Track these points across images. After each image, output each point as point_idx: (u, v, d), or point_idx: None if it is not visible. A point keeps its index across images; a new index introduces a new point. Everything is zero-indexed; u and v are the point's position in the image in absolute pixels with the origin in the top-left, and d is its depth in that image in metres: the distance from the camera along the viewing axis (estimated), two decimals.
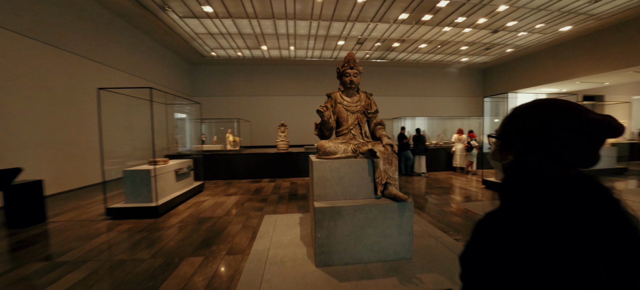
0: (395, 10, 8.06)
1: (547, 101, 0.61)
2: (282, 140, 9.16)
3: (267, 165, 8.09)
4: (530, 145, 0.59)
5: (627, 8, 7.97)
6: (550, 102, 0.60)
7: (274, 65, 13.45)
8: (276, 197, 5.67)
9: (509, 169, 0.67)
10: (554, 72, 11.73)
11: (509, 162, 0.67)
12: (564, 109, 0.57)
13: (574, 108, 0.56)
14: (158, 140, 7.20)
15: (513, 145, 0.65)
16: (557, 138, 0.55)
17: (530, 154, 0.60)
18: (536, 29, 9.67)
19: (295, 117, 13.56)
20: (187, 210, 4.65)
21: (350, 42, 10.61)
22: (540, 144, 0.57)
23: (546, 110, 0.59)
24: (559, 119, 0.56)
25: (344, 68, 2.81)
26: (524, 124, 0.62)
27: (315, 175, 2.46)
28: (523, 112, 0.64)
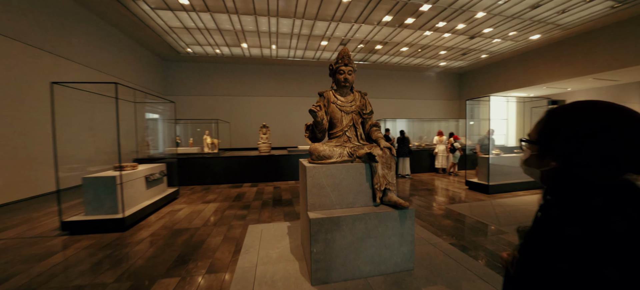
0: (380, 12, 8.05)
1: (597, 104, 0.59)
2: (263, 142, 8.79)
3: (248, 168, 7.68)
4: (583, 151, 0.56)
5: (589, 20, 8.60)
6: (603, 105, 0.57)
7: (255, 64, 12.99)
8: (259, 203, 5.33)
9: (553, 177, 0.63)
10: (524, 77, 12.46)
11: (550, 169, 0.64)
12: (620, 112, 0.55)
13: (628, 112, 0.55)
14: (126, 143, 6.53)
15: (557, 151, 0.62)
16: (616, 142, 0.53)
17: (582, 159, 0.56)
18: (509, 36, 10.17)
19: (277, 118, 13.19)
20: (160, 221, 4.17)
21: (333, 43, 10.49)
22: (596, 149, 0.55)
23: (601, 113, 0.56)
24: (619, 123, 0.54)
25: (338, 65, 2.60)
26: (574, 128, 0.58)
27: (309, 182, 2.21)
28: (570, 116, 0.60)
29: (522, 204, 5.03)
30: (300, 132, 13.10)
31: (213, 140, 8.29)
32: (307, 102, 13.75)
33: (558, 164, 0.62)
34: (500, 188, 5.95)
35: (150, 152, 7.68)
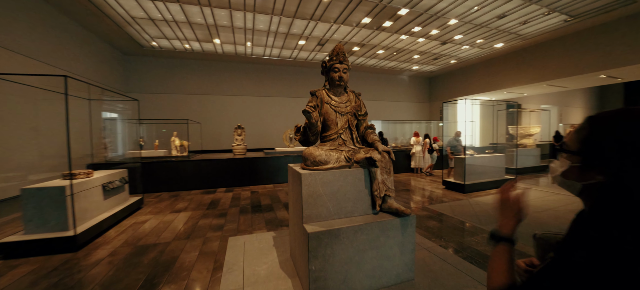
0: (359, 14, 8.03)
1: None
2: (238, 144, 8.31)
3: (222, 172, 7.17)
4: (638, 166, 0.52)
5: (545, 32, 9.43)
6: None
7: (228, 62, 12.32)
8: (237, 210, 4.94)
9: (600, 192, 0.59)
10: (487, 82, 13.36)
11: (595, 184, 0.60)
12: None
13: None
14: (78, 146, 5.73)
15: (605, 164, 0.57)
16: None
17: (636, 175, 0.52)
18: (476, 44, 10.80)
19: (253, 119, 12.64)
20: (121, 237, 3.63)
21: (311, 43, 10.30)
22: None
23: None
24: None
25: (332, 62, 2.40)
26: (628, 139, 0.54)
27: (305, 191, 1.98)
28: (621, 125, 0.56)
29: None
30: (277, 134, 12.70)
31: (182, 142, 7.62)
32: (284, 102, 13.40)
33: (605, 178, 0.57)
34: (475, 187, 6.20)
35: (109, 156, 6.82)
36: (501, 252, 0.76)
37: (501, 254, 0.75)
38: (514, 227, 0.80)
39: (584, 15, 8.21)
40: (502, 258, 0.74)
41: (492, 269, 0.75)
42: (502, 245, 0.78)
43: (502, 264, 0.73)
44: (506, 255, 0.75)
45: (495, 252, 0.77)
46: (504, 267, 0.73)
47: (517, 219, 0.82)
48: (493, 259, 0.77)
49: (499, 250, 0.77)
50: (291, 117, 13.45)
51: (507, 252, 0.75)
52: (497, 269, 0.73)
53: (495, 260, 0.76)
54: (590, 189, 0.62)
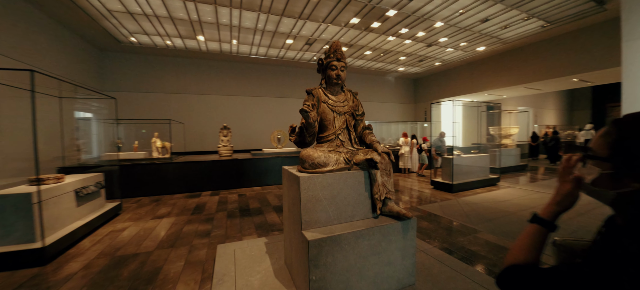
0: (348, 14, 7.99)
1: None
2: (224, 145, 8.03)
3: (207, 175, 6.88)
4: None
5: (524, 36, 9.85)
6: None
7: (213, 60, 11.92)
8: (224, 214, 4.72)
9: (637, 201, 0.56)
10: (469, 84, 13.81)
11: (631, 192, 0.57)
12: None
13: None
14: (47, 148, 5.29)
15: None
16: None
17: None
18: (460, 47, 11.11)
19: (239, 119, 12.30)
20: (97, 247, 3.33)
21: (299, 42, 10.16)
22: None
23: None
24: None
25: (329, 60, 2.30)
26: None
27: (304, 195, 1.86)
28: None
29: (483, 201, 5.37)
30: (264, 135, 12.44)
31: (164, 143, 7.23)
32: (271, 102, 13.16)
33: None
34: (462, 187, 6.32)
35: (82, 159, 6.33)
36: (532, 231, 0.76)
37: (530, 233, 0.75)
38: (554, 212, 0.78)
39: (559, 21, 8.65)
40: (531, 237, 0.74)
41: (517, 245, 0.74)
42: (535, 226, 0.77)
43: (528, 242, 0.73)
44: (535, 235, 0.74)
45: (525, 230, 0.77)
46: (530, 245, 0.72)
47: (559, 206, 0.79)
48: (522, 235, 0.77)
49: (530, 229, 0.77)
50: (279, 117, 13.23)
51: (537, 233, 0.74)
52: (522, 246, 0.73)
53: (523, 237, 0.75)
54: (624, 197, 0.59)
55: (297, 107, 13.66)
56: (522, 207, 4.87)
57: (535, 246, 0.73)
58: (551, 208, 0.79)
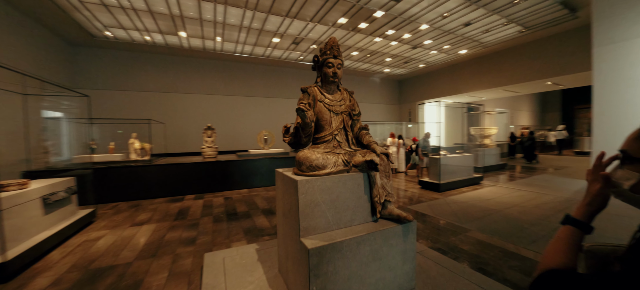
0: (336, 13, 7.95)
1: None
2: (209, 146, 7.72)
3: (190, 177, 6.56)
4: None
5: (504, 40, 10.27)
6: None
7: (195, 58, 11.47)
8: (210, 219, 4.49)
9: None
10: (451, 86, 14.24)
11: None
12: None
13: None
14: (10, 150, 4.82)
15: None
16: None
17: None
18: (443, 49, 11.41)
19: (223, 119, 11.92)
20: (67, 259, 3.03)
21: (285, 41, 9.99)
22: None
23: None
24: None
25: (326, 56, 2.21)
26: None
27: (302, 200, 1.75)
28: None
29: (469, 200, 5.49)
30: (250, 135, 12.14)
31: (143, 144, 6.82)
32: (256, 102, 12.87)
33: None
34: (448, 186, 6.45)
35: (51, 162, 5.81)
36: (566, 233, 0.73)
37: (565, 236, 0.72)
38: (587, 213, 0.75)
39: (535, 27, 9.08)
40: (566, 240, 0.71)
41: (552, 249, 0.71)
42: (569, 228, 0.74)
43: (564, 245, 0.70)
44: (570, 238, 0.71)
45: (559, 232, 0.74)
46: (566, 249, 0.69)
47: (591, 206, 0.76)
48: (555, 238, 0.74)
49: (563, 231, 0.74)
50: (265, 117, 12.97)
51: (572, 235, 0.72)
52: (557, 250, 0.70)
53: (557, 240, 0.72)
54: None
55: (283, 107, 13.46)
56: (506, 205, 5.02)
57: (571, 249, 0.70)
58: (583, 209, 0.76)
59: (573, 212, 0.77)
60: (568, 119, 19.33)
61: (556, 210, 4.63)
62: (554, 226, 3.85)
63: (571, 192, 5.90)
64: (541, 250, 3.12)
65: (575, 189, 6.11)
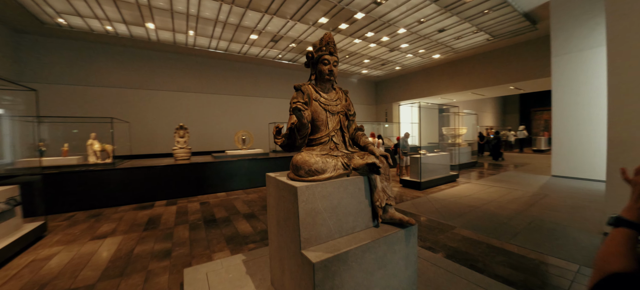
0: (317, 13, 7.83)
1: None
2: (181, 147, 7.18)
3: (160, 182, 6.02)
4: None
5: (474, 47, 10.90)
6: None
7: (165, 52, 10.66)
8: (185, 227, 4.12)
9: None
10: (425, 88, 14.85)
11: None
12: None
13: None
14: None
15: None
16: None
17: None
18: (419, 53, 11.83)
19: (197, 118, 11.23)
20: (11, 284, 2.54)
21: (263, 38, 9.67)
22: None
23: None
24: None
25: (322, 53, 2.06)
26: None
27: (303, 209, 1.59)
28: None
29: (448, 197, 5.67)
30: (227, 135, 11.58)
31: (104, 145, 6.12)
32: (232, 101, 12.33)
33: None
34: (428, 184, 6.63)
35: None
36: (622, 236, 0.71)
37: (622, 238, 0.70)
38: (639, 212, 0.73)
39: (501, 36, 9.74)
40: (624, 243, 0.69)
41: (609, 252, 0.69)
42: (622, 230, 0.72)
43: (623, 248, 0.68)
44: (628, 240, 0.70)
45: (613, 235, 0.72)
46: (626, 252, 0.68)
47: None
48: (609, 241, 0.72)
49: (618, 233, 0.72)
50: (241, 117, 12.46)
51: (629, 237, 0.70)
52: (617, 253, 0.68)
53: (614, 244, 0.71)
54: None
55: (261, 107, 13.05)
56: (484, 201, 5.25)
57: (630, 252, 0.68)
58: (634, 209, 0.73)
59: (624, 214, 0.74)
60: (526, 120, 21.14)
61: (528, 204, 4.93)
62: (529, 220, 4.07)
63: (537, 187, 6.35)
64: (523, 244, 3.26)
65: (539, 184, 6.59)
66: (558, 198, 5.33)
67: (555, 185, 6.45)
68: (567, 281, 2.52)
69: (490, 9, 7.67)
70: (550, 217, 4.24)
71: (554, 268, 2.75)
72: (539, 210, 4.60)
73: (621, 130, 3.15)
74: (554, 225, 3.89)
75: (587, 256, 2.96)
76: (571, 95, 6.79)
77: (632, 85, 3.04)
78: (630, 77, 3.06)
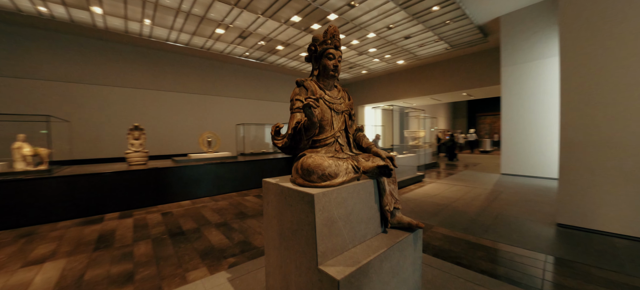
0: (289, 10, 7.63)
1: None
2: (136, 150, 6.33)
3: (111, 191, 5.20)
4: None
5: (434, 55, 11.74)
6: None
7: (114, 42, 9.39)
8: (148, 244, 3.58)
9: None
10: (389, 92, 15.59)
11: None
12: None
13: None
14: None
15: None
16: None
17: None
18: (385, 58, 12.35)
19: (153, 118, 10.08)
20: None
21: (231, 34, 9.13)
22: None
23: None
24: None
25: (327, 46, 1.91)
26: None
27: (320, 218, 1.42)
28: None
29: (419, 196, 5.94)
30: (189, 137, 10.62)
31: (36, 149, 5.06)
32: (193, 100, 11.38)
33: None
34: (399, 184, 6.88)
35: None
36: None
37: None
38: None
39: (458, 46, 10.67)
40: None
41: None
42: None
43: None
44: None
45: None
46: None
47: None
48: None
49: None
50: (206, 117, 11.57)
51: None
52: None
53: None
54: None
55: (227, 107, 12.30)
56: (451, 199, 5.60)
57: None
58: None
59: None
60: (473, 124, 23.56)
61: (489, 200, 5.39)
62: (494, 215, 4.43)
63: (491, 184, 7.02)
64: (495, 238, 3.51)
65: (493, 182, 7.31)
66: (512, 194, 5.94)
67: (507, 182, 7.22)
68: (539, 270, 2.75)
69: (451, 20, 8.32)
70: (510, 211, 4.67)
71: (526, 259, 2.98)
72: (500, 205, 5.06)
73: (572, 133, 3.59)
74: (514, 219, 4.29)
75: (549, 246, 3.29)
76: (518, 101, 7.67)
77: (581, 92, 3.50)
78: (580, 84, 3.51)
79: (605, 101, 3.34)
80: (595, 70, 3.41)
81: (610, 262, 2.86)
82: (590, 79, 3.44)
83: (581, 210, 3.59)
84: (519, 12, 7.62)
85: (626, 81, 3.20)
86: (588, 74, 3.44)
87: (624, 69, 3.21)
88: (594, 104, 3.42)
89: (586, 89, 3.48)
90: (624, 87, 3.21)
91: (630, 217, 3.25)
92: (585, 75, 3.46)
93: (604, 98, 3.34)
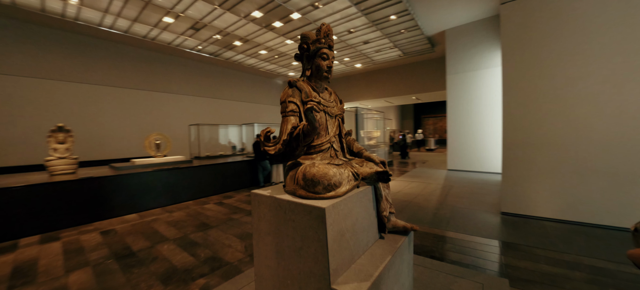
0: (251, 5, 7.23)
1: None
2: (61, 156, 5.25)
3: (27, 208, 4.17)
4: None
5: (389, 61, 12.48)
6: None
7: (28, 23, 7.60)
8: (87, 273, 2.96)
9: None
10: (346, 94, 16.08)
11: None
12: None
13: None
14: None
15: None
16: None
17: None
18: (344, 61, 12.67)
19: (82, 118, 8.47)
20: None
21: (181, 24, 8.26)
22: None
23: None
24: None
25: (321, 46, 1.80)
26: None
27: (331, 233, 1.30)
28: None
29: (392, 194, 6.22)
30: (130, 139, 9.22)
31: None
32: (137, 96, 9.97)
33: None
34: None
35: None
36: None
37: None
38: None
39: (410, 54, 11.54)
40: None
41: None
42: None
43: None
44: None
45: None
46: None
47: None
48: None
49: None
50: (152, 117, 10.23)
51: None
52: None
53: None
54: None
55: (177, 105, 11.10)
56: (412, 195, 5.99)
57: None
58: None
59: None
60: (418, 125, 25.89)
61: (443, 195, 5.93)
62: (450, 208, 4.87)
63: (442, 179, 7.76)
64: (458, 229, 3.85)
65: (442, 177, 8.10)
66: (461, 188, 6.64)
67: (455, 177, 8.08)
68: (497, 255, 3.09)
69: (405, 29, 8.94)
70: (462, 204, 5.20)
71: (484, 246, 3.33)
72: (453, 199, 5.59)
73: (513, 134, 4.16)
74: (467, 211, 4.78)
75: (498, 232, 3.74)
76: (462, 105, 8.63)
77: (521, 98, 4.06)
78: (519, 91, 4.07)
79: (540, 107, 3.94)
80: (532, 81, 4.01)
81: (545, 242, 3.38)
82: (527, 88, 4.03)
83: (521, 199, 4.19)
84: (462, 27, 8.60)
85: (557, 91, 3.83)
86: (526, 85, 4.02)
87: (555, 81, 3.84)
88: (531, 110, 4.02)
89: (524, 97, 4.06)
90: (556, 96, 3.84)
91: (557, 203, 3.90)
92: (523, 85, 4.04)
93: (540, 105, 3.94)
